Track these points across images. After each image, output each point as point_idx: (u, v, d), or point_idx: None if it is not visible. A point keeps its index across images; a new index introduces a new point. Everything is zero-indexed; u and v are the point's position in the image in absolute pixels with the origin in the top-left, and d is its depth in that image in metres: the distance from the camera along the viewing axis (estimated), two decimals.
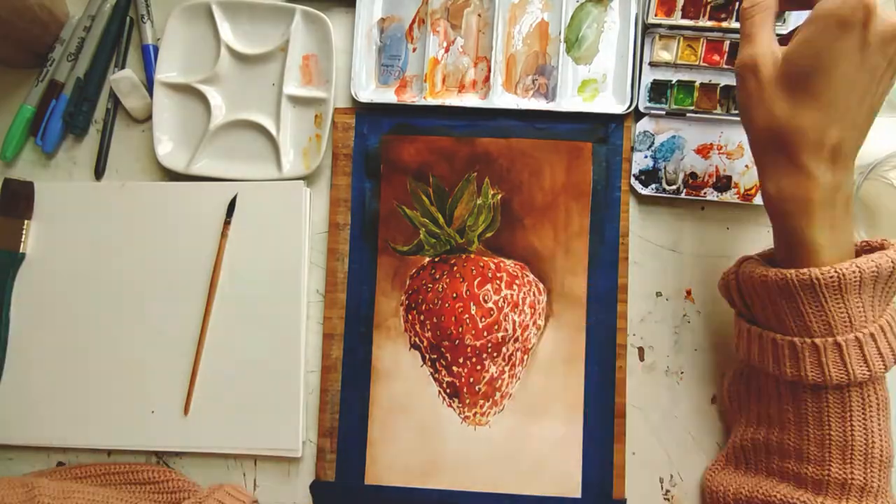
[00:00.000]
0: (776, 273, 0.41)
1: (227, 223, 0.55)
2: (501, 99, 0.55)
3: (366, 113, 0.56)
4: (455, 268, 0.54)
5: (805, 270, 0.39)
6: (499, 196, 0.55)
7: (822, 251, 0.39)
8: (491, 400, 0.54)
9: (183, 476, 0.53)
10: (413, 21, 0.57)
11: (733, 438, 0.50)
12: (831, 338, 0.40)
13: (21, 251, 0.55)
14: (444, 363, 0.54)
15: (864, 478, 0.41)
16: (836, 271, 0.38)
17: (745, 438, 0.49)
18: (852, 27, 0.35)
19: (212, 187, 0.55)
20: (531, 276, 0.54)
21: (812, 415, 0.42)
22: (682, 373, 0.54)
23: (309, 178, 0.56)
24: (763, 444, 0.47)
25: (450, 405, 0.54)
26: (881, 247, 0.42)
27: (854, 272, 0.38)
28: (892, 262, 0.39)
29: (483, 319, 0.54)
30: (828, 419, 0.41)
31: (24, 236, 0.55)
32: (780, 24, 0.52)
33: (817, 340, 0.40)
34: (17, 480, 0.45)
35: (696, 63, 0.54)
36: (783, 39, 0.41)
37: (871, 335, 0.39)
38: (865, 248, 0.43)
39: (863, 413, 0.41)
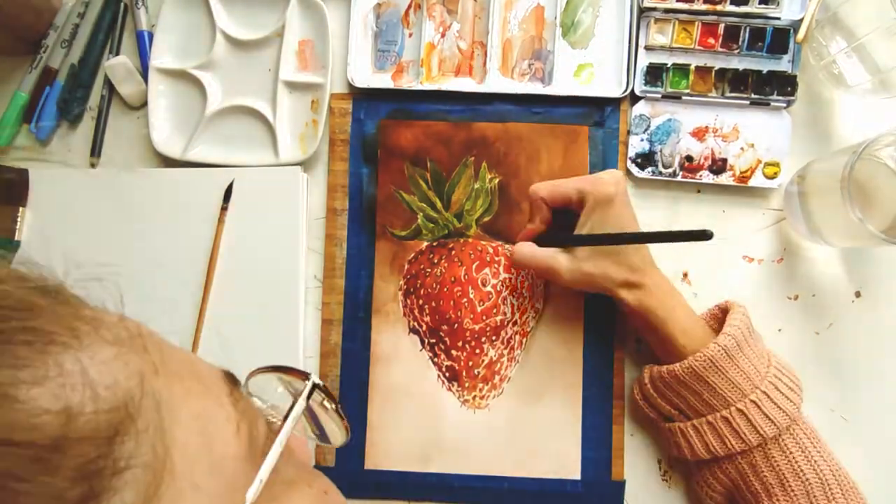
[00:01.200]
0: (682, 367, 0.46)
1: (223, 209, 0.55)
2: (498, 83, 0.55)
3: (362, 98, 0.56)
4: (453, 252, 0.54)
5: (691, 359, 0.45)
6: (496, 180, 0.55)
7: (686, 326, 0.47)
8: (490, 383, 0.54)
9: None
10: (409, 6, 0.57)
11: None
12: (750, 397, 0.45)
13: (16, 238, 0.55)
14: (443, 347, 0.54)
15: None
16: (718, 346, 0.45)
17: None
18: (616, 195, 0.46)
19: (208, 173, 0.55)
20: None
21: (786, 470, 0.44)
22: None
23: (306, 164, 0.56)
24: None
25: (449, 389, 0.54)
26: (725, 310, 0.50)
27: (731, 342, 0.45)
28: (747, 317, 0.47)
29: (481, 303, 0.54)
30: (797, 466, 0.44)
31: (18, 223, 0.55)
32: (774, 6, 0.53)
33: (739, 406, 0.45)
34: None
35: (692, 46, 0.54)
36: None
37: (773, 383, 0.45)
38: (714, 314, 0.51)
39: (815, 446, 0.45)
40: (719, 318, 0.50)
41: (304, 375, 0.27)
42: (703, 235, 0.40)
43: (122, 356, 0.18)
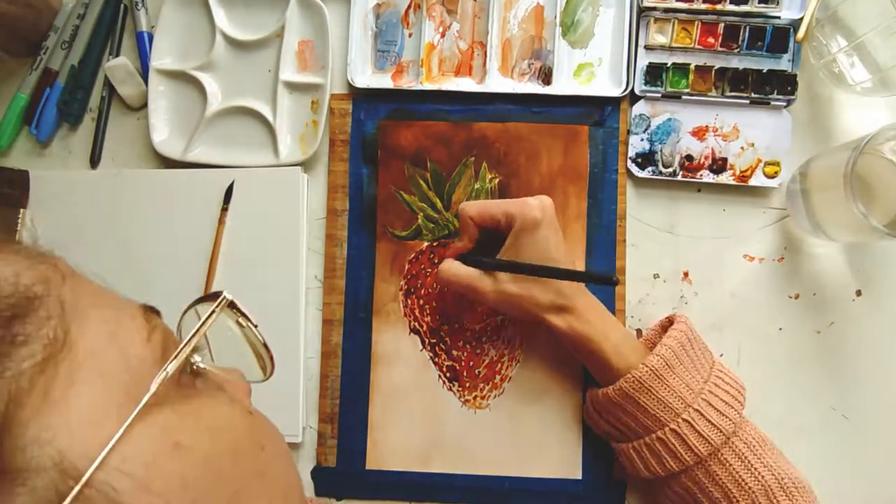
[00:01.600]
0: (613, 388, 0.46)
1: (224, 210, 0.55)
2: (498, 83, 0.55)
3: (362, 98, 0.56)
4: None
5: (621, 381, 0.46)
6: (496, 180, 0.55)
7: (615, 357, 0.46)
8: (491, 383, 0.54)
9: None
10: (409, 6, 0.57)
11: None
12: (693, 407, 0.45)
13: (17, 240, 0.55)
14: (443, 347, 0.54)
15: None
16: (646, 366, 0.45)
17: None
18: (542, 220, 0.46)
19: (208, 174, 0.55)
20: None
21: (730, 482, 0.44)
22: None
23: (306, 165, 0.56)
24: None
25: (450, 389, 0.54)
26: (670, 322, 0.49)
27: (660, 362, 0.45)
28: (683, 333, 0.47)
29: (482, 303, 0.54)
30: (744, 472, 0.44)
31: (20, 225, 0.55)
32: (774, 5, 0.53)
33: (679, 421, 0.45)
34: None
35: (691, 46, 0.54)
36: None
37: (711, 390, 0.45)
38: (664, 325, 0.51)
39: (763, 448, 0.45)
40: (666, 328, 0.50)
41: (217, 295, 0.29)
42: (609, 280, 0.44)
43: (31, 264, 0.24)
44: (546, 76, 0.55)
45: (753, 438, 0.46)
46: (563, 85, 0.55)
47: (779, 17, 0.53)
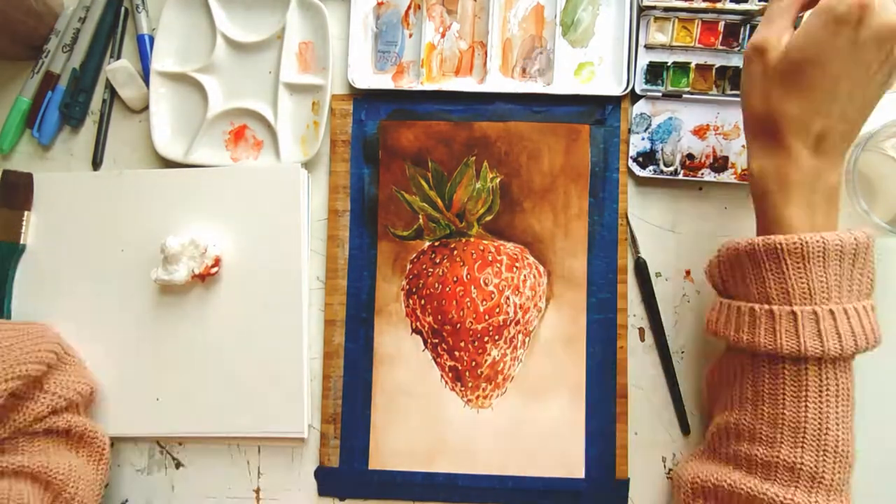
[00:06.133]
0: (746, 242, 0.42)
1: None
2: (498, 83, 0.55)
3: (363, 99, 0.56)
4: (455, 252, 0.54)
5: (770, 237, 0.40)
6: (497, 179, 0.55)
7: (794, 230, 0.40)
8: (493, 383, 0.54)
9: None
10: (409, 7, 0.57)
11: (708, 428, 0.48)
12: (787, 307, 0.40)
13: (22, 242, 0.55)
14: (445, 347, 0.54)
15: (816, 466, 0.39)
16: (798, 239, 0.39)
17: (715, 425, 0.46)
18: (846, 24, 0.37)
19: (210, 173, 0.55)
20: (531, 259, 0.54)
21: (767, 390, 0.41)
22: (682, 352, 0.54)
23: (307, 166, 0.56)
24: (725, 429, 0.44)
25: (452, 389, 0.54)
26: None
27: (817, 241, 0.39)
28: (855, 240, 0.40)
29: (484, 303, 0.54)
30: (782, 396, 0.40)
31: (24, 227, 0.55)
32: None
33: (774, 308, 0.40)
34: None
35: (692, 44, 0.54)
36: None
37: (831, 312, 0.39)
38: None
39: (819, 395, 0.40)
40: None
41: None
42: None
43: None
44: (547, 75, 0.55)
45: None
46: (564, 84, 0.55)
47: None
